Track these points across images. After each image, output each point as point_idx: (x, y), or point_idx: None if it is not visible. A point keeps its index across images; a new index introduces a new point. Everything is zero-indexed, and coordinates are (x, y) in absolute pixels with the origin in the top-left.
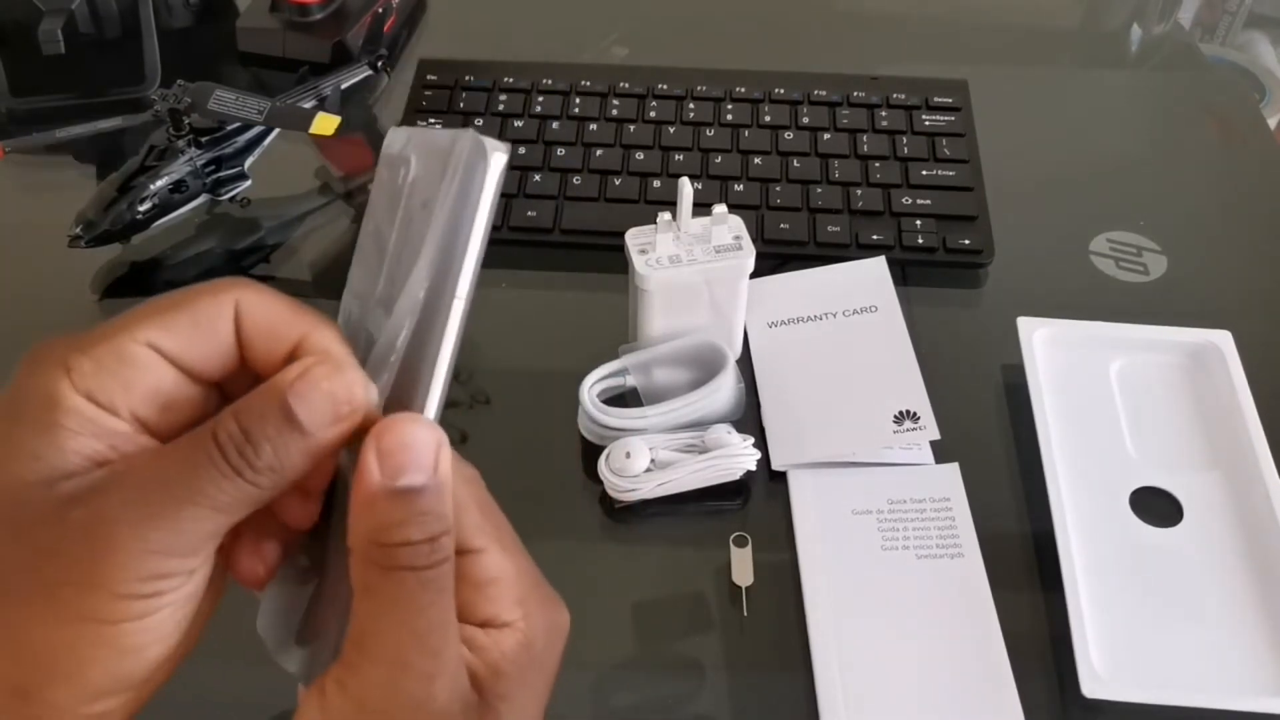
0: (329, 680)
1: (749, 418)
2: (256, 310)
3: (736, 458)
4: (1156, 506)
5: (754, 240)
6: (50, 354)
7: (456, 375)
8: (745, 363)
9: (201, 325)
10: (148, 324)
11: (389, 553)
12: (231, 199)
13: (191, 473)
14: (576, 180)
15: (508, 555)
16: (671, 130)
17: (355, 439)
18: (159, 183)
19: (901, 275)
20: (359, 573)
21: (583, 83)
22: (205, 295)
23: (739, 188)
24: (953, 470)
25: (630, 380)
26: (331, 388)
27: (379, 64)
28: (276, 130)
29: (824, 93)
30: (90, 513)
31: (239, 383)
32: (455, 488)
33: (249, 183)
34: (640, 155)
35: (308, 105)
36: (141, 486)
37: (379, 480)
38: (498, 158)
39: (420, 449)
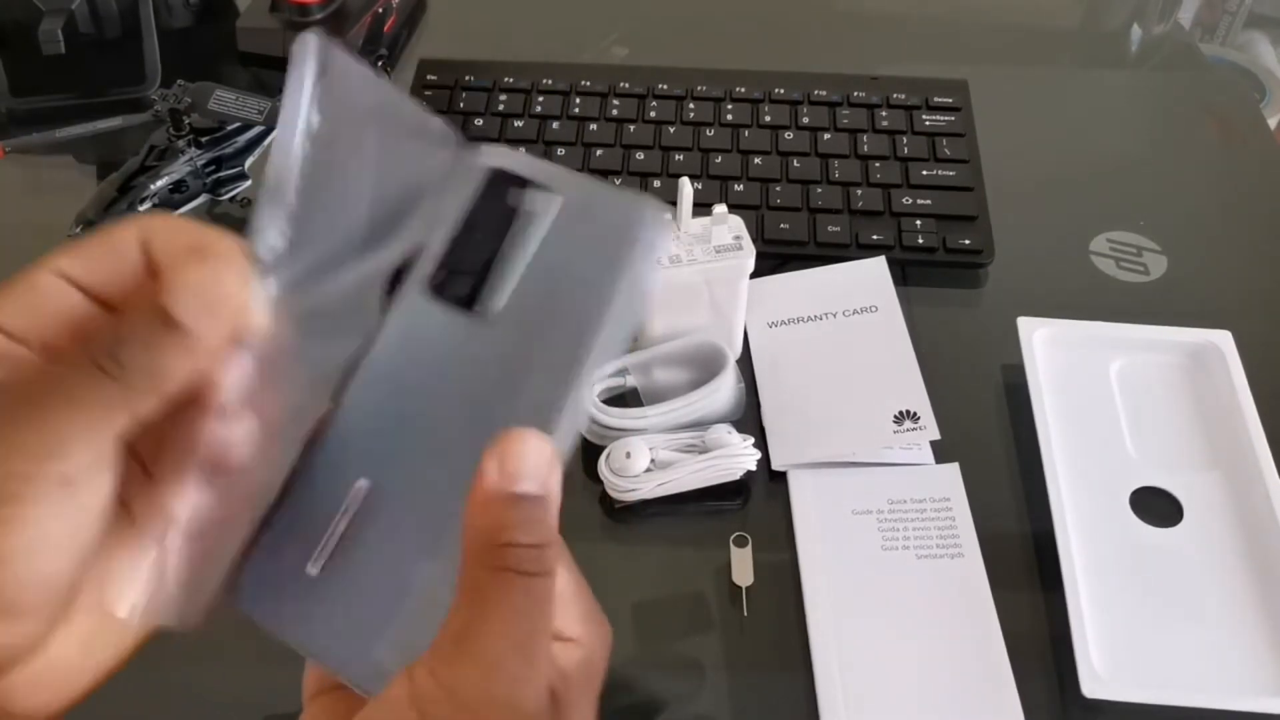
0: (418, 667)
1: (749, 418)
2: (163, 233)
3: (736, 458)
4: (1156, 506)
5: (754, 240)
6: None
7: None
8: (745, 363)
9: (109, 250)
10: (59, 256)
11: (499, 553)
12: (232, 199)
13: (65, 377)
14: None
15: (569, 572)
16: (671, 130)
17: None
18: (159, 183)
19: (901, 275)
20: (469, 571)
21: (583, 83)
22: (115, 227)
23: (739, 188)
24: (953, 470)
25: (630, 380)
26: (202, 279)
27: (379, 64)
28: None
29: (824, 93)
30: None
31: None
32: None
33: (249, 183)
34: (640, 155)
35: None
36: (22, 392)
37: (496, 482)
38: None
39: (536, 461)
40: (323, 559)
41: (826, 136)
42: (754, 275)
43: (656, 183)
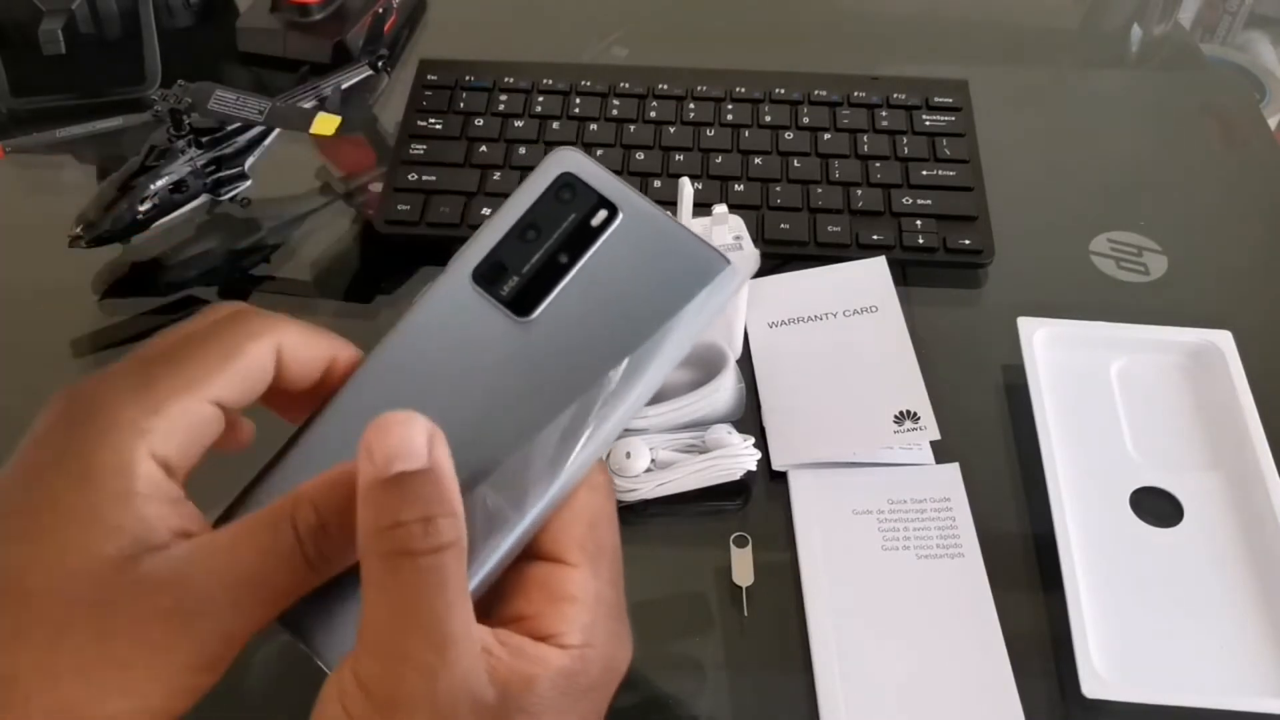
0: (346, 668)
1: (749, 418)
2: (297, 349)
3: (737, 458)
4: (1157, 507)
5: (754, 240)
6: (119, 413)
7: None
8: (745, 363)
9: (254, 373)
10: (211, 379)
11: (384, 536)
12: (232, 199)
13: (269, 563)
14: None
15: (596, 579)
16: (672, 130)
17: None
18: (159, 183)
19: (902, 275)
20: (364, 568)
21: (583, 83)
22: (252, 341)
23: (739, 188)
24: (953, 470)
25: None
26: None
27: (379, 64)
28: (277, 130)
29: (824, 93)
30: (171, 601)
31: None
32: (580, 495)
33: (249, 183)
34: (640, 155)
35: (308, 105)
36: (221, 576)
37: (370, 472)
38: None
39: (410, 438)
40: None
41: (827, 136)
42: (754, 275)
43: (657, 183)
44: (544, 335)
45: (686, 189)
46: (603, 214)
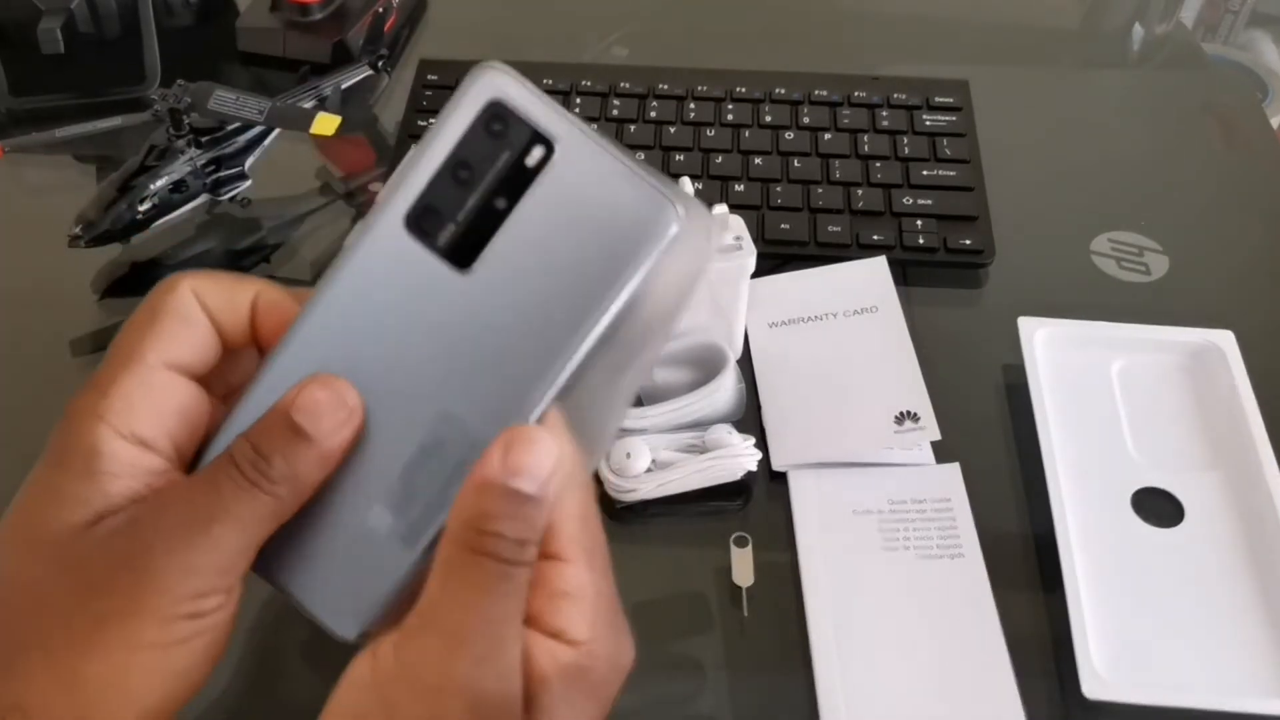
0: (384, 643)
1: (749, 418)
2: (214, 293)
3: (737, 458)
4: (1157, 507)
5: (755, 240)
6: (83, 405)
7: None
8: (746, 363)
9: (188, 323)
10: (153, 343)
11: (480, 538)
12: (232, 199)
13: (215, 492)
14: None
15: (593, 574)
16: (672, 130)
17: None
18: (159, 183)
19: (902, 275)
20: (446, 550)
21: (583, 83)
22: (171, 295)
23: (740, 188)
24: (953, 470)
25: None
26: (329, 397)
27: (379, 64)
28: (277, 130)
29: (825, 93)
30: (130, 543)
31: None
32: (560, 494)
33: (249, 183)
34: (641, 155)
35: (308, 105)
36: (174, 512)
37: (496, 472)
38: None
39: (540, 462)
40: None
41: (827, 136)
42: (755, 275)
43: None
44: (485, 288)
45: (686, 189)
46: (539, 152)
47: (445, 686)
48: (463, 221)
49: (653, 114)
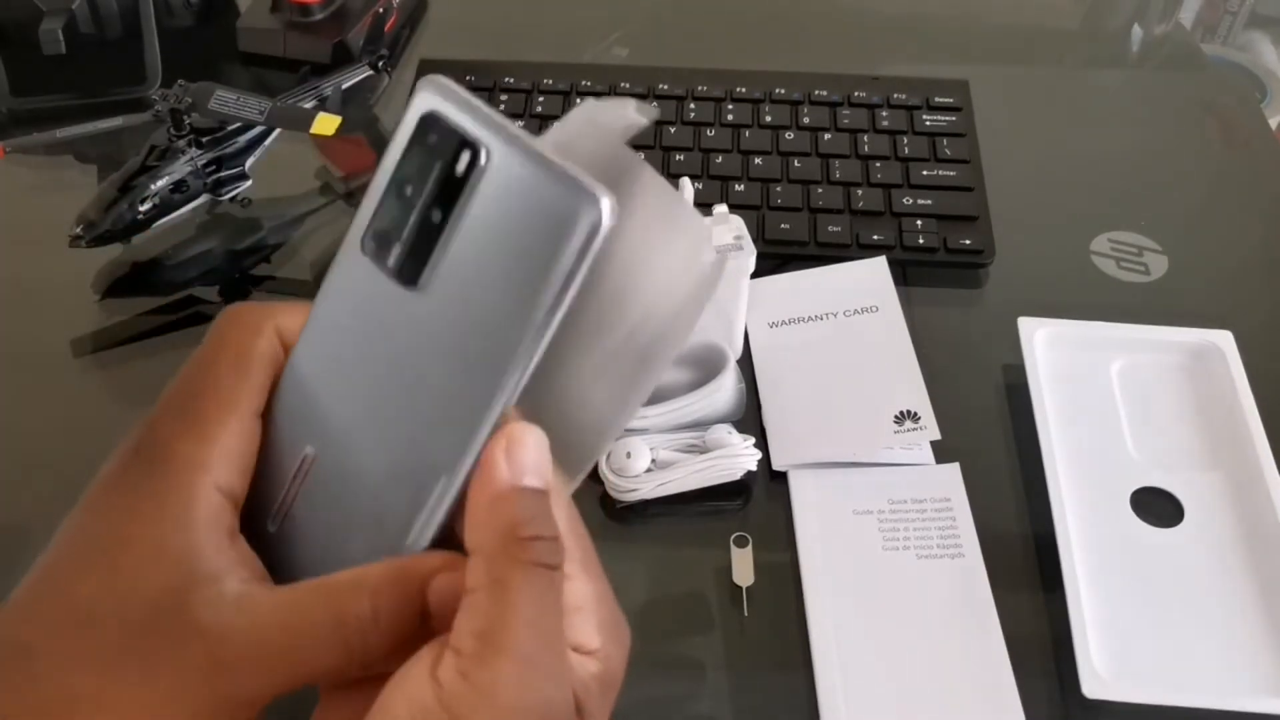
0: (445, 670)
1: (749, 418)
2: (290, 331)
3: (737, 458)
4: (1157, 507)
5: (755, 240)
6: (186, 451)
7: None
8: (746, 363)
9: (269, 368)
10: (249, 394)
11: (527, 546)
12: (232, 199)
13: (313, 644)
14: None
15: (590, 580)
16: (672, 130)
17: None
18: (160, 183)
19: (902, 275)
20: (491, 567)
21: (583, 83)
22: (261, 339)
23: (740, 188)
24: (953, 470)
25: None
26: (459, 586)
27: (380, 64)
28: (277, 130)
29: (825, 93)
30: (205, 652)
31: None
32: (554, 507)
33: (250, 183)
34: (641, 155)
35: (308, 105)
36: (267, 643)
37: (508, 477)
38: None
39: (538, 456)
40: (279, 521)
41: (827, 136)
42: (755, 275)
43: None
44: (434, 304)
45: (687, 189)
46: (466, 157)
47: (521, 706)
48: (407, 239)
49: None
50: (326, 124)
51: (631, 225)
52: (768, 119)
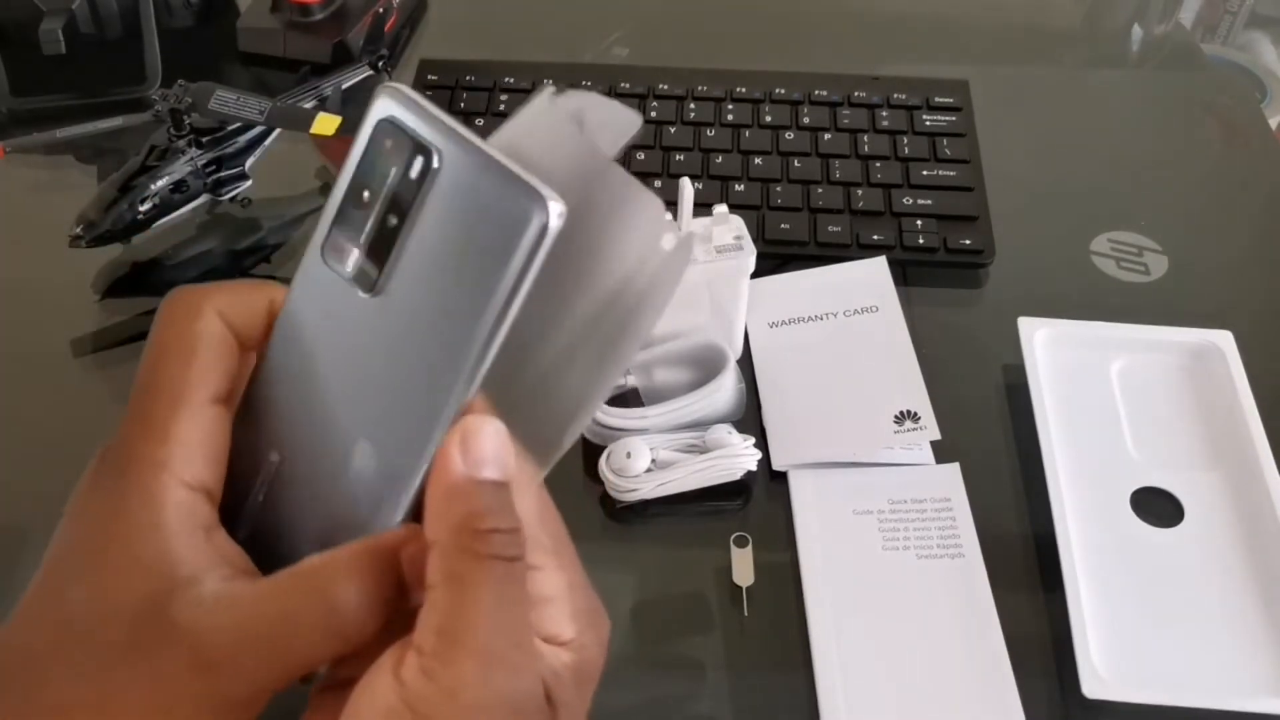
0: (408, 669)
1: (749, 418)
2: (234, 308)
3: (737, 458)
4: (1157, 507)
5: (755, 240)
6: (142, 453)
7: None
8: (746, 363)
9: (223, 351)
10: (199, 381)
11: (483, 539)
12: (232, 199)
13: (303, 630)
14: None
15: (562, 571)
16: (672, 130)
17: None
18: (160, 183)
19: (902, 275)
20: (447, 563)
21: (583, 83)
22: (202, 321)
23: (740, 188)
24: (953, 470)
25: (631, 380)
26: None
27: (380, 64)
28: (277, 130)
29: (825, 93)
30: (191, 653)
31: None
32: (518, 497)
33: (250, 183)
34: (641, 155)
35: (308, 105)
36: (252, 637)
37: (464, 470)
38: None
39: (496, 446)
40: (247, 528)
41: (827, 136)
42: (755, 275)
43: (658, 183)
44: (391, 309)
45: (687, 189)
46: (420, 162)
47: (485, 703)
48: (364, 244)
49: (653, 114)
50: (326, 124)
51: (591, 215)
52: (768, 119)
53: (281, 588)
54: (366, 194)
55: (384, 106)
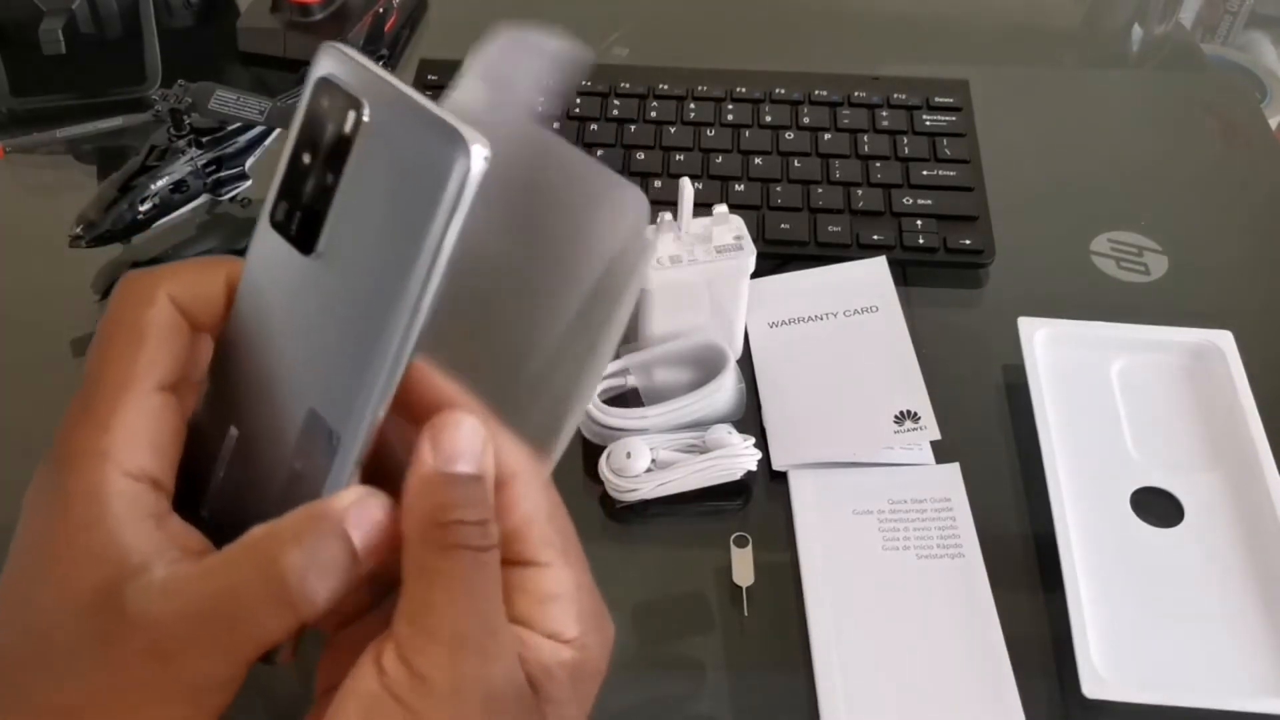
0: (388, 657)
1: (749, 418)
2: (189, 290)
3: (737, 458)
4: (1157, 507)
5: (755, 240)
6: (84, 442)
7: None
8: (746, 363)
9: (173, 337)
10: (146, 367)
11: (447, 531)
12: (232, 199)
13: (248, 606)
14: None
15: (570, 570)
16: (672, 130)
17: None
18: (160, 183)
19: (902, 275)
20: (416, 554)
21: (583, 83)
22: (153, 308)
23: (740, 188)
24: (953, 470)
25: (631, 380)
26: (384, 520)
27: (380, 64)
28: (277, 130)
29: (825, 93)
30: (147, 641)
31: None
32: (525, 494)
33: (250, 183)
34: (641, 155)
35: None
36: (201, 618)
37: (432, 464)
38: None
39: (470, 441)
40: (211, 507)
41: (827, 136)
42: (755, 275)
43: (657, 183)
44: (330, 269)
45: (687, 189)
46: (352, 116)
47: (460, 690)
48: (304, 205)
49: (653, 114)
50: None
51: (561, 205)
52: (768, 119)
53: (225, 564)
54: (306, 155)
55: (323, 65)
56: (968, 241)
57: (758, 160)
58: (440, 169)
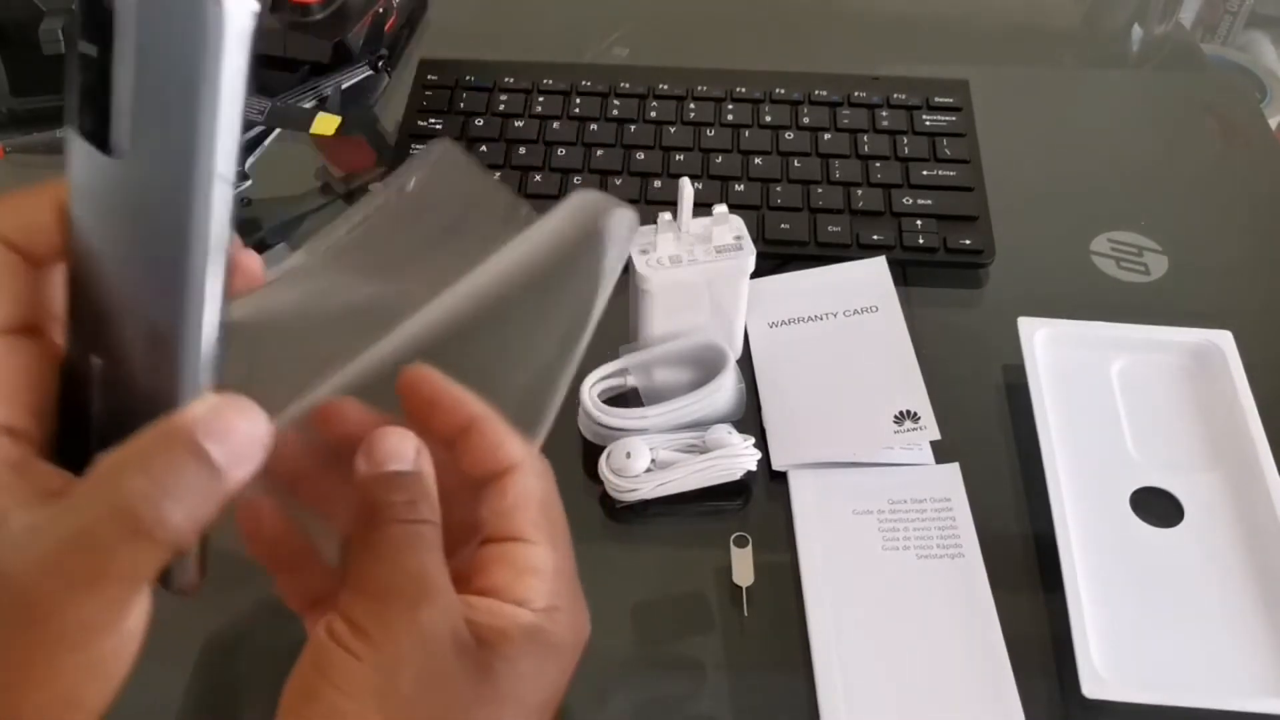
0: (330, 615)
1: (749, 418)
2: (6, 224)
3: (737, 458)
4: (1157, 507)
5: (755, 240)
6: None
7: None
8: (746, 363)
9: (10, 286)
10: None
11: (375, 509)
12: None
13: (103, 543)
14: (577, 180)
15: (555, 554)
16: (672, 130)
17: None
18: None
19: (902, 275)
20: (358, 536)
21: (583, 83)
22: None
23: (740, 188)
24: (953, 470)
25: (631, 380)
26: (248, 427)
27: (379, 64)
28: (277, 130)
29: (824, 93)
30: (15, 593)
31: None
32: (521, 480)
33: (249, 182)
34: (641, 155)
35: (308, 105)
36: (58, 564)
37: (365, 471)
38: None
39: (398, 447)
40: (96, 443)
41: (827, 136)
42: (754, 275)
43: (657, 183)
44: (133, 161)
45: (687, 189)
46: None
47: (392, 633)
48: (89, 96)
49: (653, 114)
50: (326, 124)
51: (573, 248)
52: (768, 119)
53: (76, 502)
54: (86, 44)
55: None
56: (968, 241)
57: (758, 160)
58: (197, 26)
